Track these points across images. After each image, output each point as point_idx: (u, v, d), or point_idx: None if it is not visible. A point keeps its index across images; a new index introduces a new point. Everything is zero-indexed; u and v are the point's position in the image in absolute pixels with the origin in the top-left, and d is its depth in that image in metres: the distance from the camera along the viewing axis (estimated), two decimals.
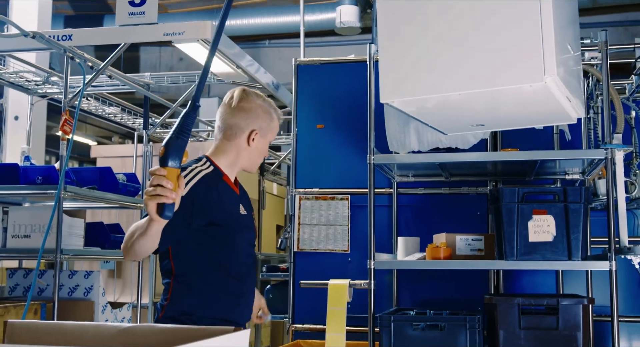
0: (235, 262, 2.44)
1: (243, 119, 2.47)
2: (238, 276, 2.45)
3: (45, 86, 4.95)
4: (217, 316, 2.39)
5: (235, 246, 2.44)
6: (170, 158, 1.86)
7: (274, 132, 2.55)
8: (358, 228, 4.16)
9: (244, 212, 2.50)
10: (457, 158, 3.29)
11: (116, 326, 2.10)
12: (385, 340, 3.21)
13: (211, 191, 2.37)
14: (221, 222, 2.38)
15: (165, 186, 1.84)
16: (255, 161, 2.53)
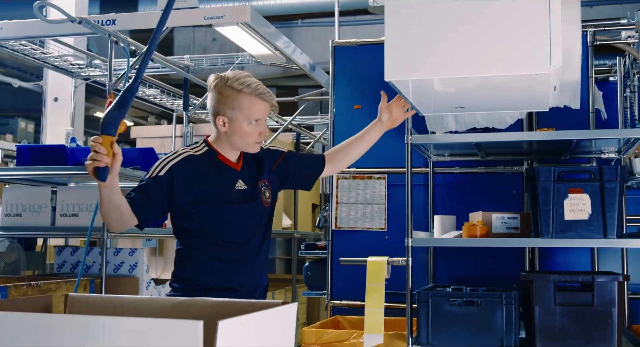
0: (227, 232, 2.56)
1: (212, 105, 2.56)
2: (232, 245, 2.57)
3: (88, 69, 5.08)
4: (214, 283, 2.54)
5: (226, 218, 2.55)
6: (105, 127, 2.14)
7: (248, 111, 2.52)
8: (395, 207, 4.24)
9: (243, 186, 2.60)
10: (494, 138, 3.35)
11: (170, 299, 2.22)
12: (423, 315, 3.30)
13: (196, 170, 2.52)
14: (207, 198, 2.52)
15: (98, 151, 2.12)
16: (243, 143, 2.56)
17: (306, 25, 11.78)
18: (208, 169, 2.55)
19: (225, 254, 2.58)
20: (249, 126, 2.52)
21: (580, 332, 3.14)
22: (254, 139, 2.56)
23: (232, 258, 2.59)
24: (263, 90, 2.54)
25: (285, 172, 2.78)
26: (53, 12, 4.23)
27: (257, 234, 2.65)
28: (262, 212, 2.66)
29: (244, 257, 2.61)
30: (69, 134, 5.05)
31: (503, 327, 3.21)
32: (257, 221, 2.65)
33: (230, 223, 2.57)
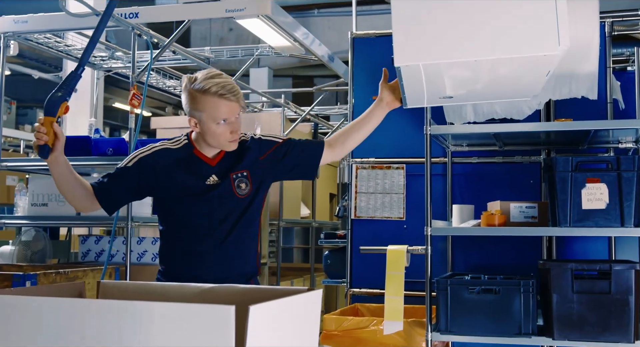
0: (195, 225, 2.60)
1: (184, 106, 2.57)
2: (200, 237, 2.60)
3: (110, 61, 5.16)
4: (185, 273, 2.57)
5: (191, 211, 2.59)
6: (46, 109, 2.34)
7: (213, 113, 2.49)
8: (413, 196, 4.30)
9: (215, 181, 2.60)
10: (512, 128, 3.40)
11: (199, 286, 2.30)
12: (442, 303, 3.36)
13: (167, 163, 2.57)
14: (173, 192, 2.58)
15: (39, 131, 2.34)
16: (216, 142, 2.56)
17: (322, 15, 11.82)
18: (181, 162, 2.59)
19: (193, 245, 2.61)
20: (218, 127, 2.50)
21: (598, 320, 3.19)
22: (226, 139, 2.54)
23: (199, 250, 2.61)
24: (226, 92, 2.48)
25: (279, 162, 2.73)
26: (72, 5, 4.30)
27: (227, 226, 2.64)
28: (235, 203, 2.64)
29: (212, 249, 2.62)
30: (92, 125, 5.14)
31: (521, 315, 3.26)
32: (227, 213, 2.63)
33: (196, 216, 2.59)
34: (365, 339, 3.60)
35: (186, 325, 1.55)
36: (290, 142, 2.78)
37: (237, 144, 2.60)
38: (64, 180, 2.49)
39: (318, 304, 2.11)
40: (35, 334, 1.63)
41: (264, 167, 2.70)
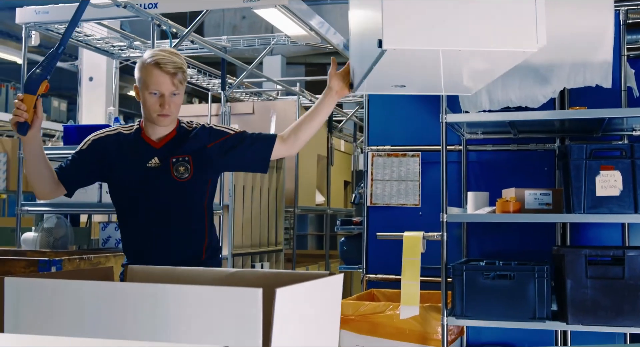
0: (133, 207, 2.68)
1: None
2: (138, 219, 2.68)
3: (128, 50, 5.23)
4: (139, 258, 2.65)
5: (131, 195, 2.67)
6: (28, 87, 2.35)
7: (146, 81, 2.55)
8: (428, 183, 4.35)
9: (157, 164, 2.64)
10: (527, 116, 3.45)
11: (224, 271, 2.37)
12: (458, 288, 3.42)
13: (116, 147, 2.66)
14: (116, 175, 2.67)
15: (19, 108, 2.35)
16: (148, 114, 2.60)
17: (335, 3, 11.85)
18: (127, 147, 2.66)
19: (137, 226, 2.70)
20: (150, 97, 2.55)
21: (611, 305, 3.25)
22: (154, 110, 2.57)
23: (142, 231, 2.69)
24: (161, 61, 2.54)
25: (228, 152, 2.72)
26: None
27: (166, 209, 2.67)
28: (175, 187, 2.66)
29: (153, 230, 2.68)
30: (111, 113, 5.21)
31: (535, 300, 3.32)
32: (169, 196, 2.67)
33: (137, 198, 2.67)
34: (382, 323, 3.68)
35: (215, 307, 1.62)
36: (243, 135, 2.77)
37: (168, 121, 2.60)
38: (36, 160, 2.53)
39: (339, 288, 2.18)
40: (73, 315, 1.70)
41: (210, 155, 2.70)
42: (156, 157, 2.65)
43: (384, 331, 3.68)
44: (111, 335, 1.71)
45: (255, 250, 5.76)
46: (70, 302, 1.73)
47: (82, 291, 1.76)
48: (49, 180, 2.61)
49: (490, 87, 3.43)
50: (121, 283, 1.88)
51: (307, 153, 6.95)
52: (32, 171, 2.57)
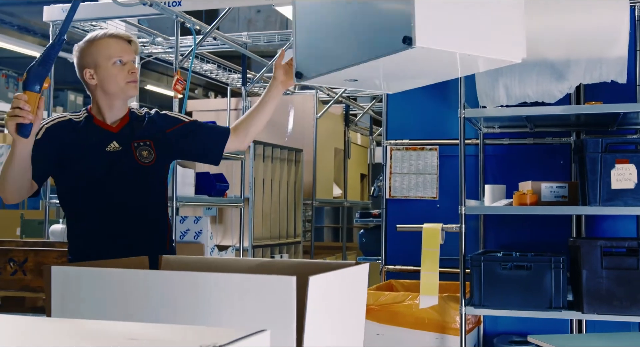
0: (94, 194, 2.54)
1: (77, 68, 2.54)
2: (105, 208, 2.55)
3: (150, 47, 5.34)
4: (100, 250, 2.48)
5: (91, 181, 2.53)
6: (31, 83, 2.13)
7: (106, 52, 2.49)
8: (446, 176, 4.45)
9: (117, 148, 2.56)
10: (545, 111, 3.53)
11: (254, 260, 2.48)
12: (476, 278, 3.52)
13: (70, 134, 2.51)
14: (74, 162, 2.52)
15: (22, 108, 2.12)
16: (116, 87, 2.51)
17: None
18: (81, 133, 2.53)
19: (98, 216, 2.56)
20: (114, 67, 2.48)
21: (626, 295, 3.34)
22: (124, 78, 2.50)
23: (103, 221, 2.56)
24: (113, 32, 2.54)
25: (185, 139, 2.67)
26: None
27: (135, 194, 2.60)
28: (139, 171, 2.59)
29: (115, 219, 2.57)
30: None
31: (551, 290, 3.41)
32: (133, 181, 2.59)
33: (100, 184, 2.54)
34: (402, 313, 3.78)
35: (251, 294, 1.72)
36: (197, 123, 2.74)
37: (136, 89, 2.55)
38: (24, 162, 2.32)
39: (365, 277, 2.28)
40: (116, 302, 1.80)
41: (170, 140, 2.65)
42: (115, 141, 2.56)
43: (403, 320, 3.78)
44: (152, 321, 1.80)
45: (275, 242, 5.88)
46: (115, 290, 1.83)
47: (126, 278, 1.86)
48: (28, 181, 2.42)
49: (507, 82, 3.52)
50: (163, 271, 1.97)
51: (324, 146, 7.05)
52: (16, 174, 2.34)
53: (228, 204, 5.05)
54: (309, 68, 2.31)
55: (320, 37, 2.29)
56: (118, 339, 1.27)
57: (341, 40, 2.21)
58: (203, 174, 4.92)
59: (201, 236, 4.74)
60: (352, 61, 2.17)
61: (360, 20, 2.14)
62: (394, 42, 2.03)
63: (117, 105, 2.56)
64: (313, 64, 2.30)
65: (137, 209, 2.60)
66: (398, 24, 2.03)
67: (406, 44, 1.99)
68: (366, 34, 2.13)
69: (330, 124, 7.28)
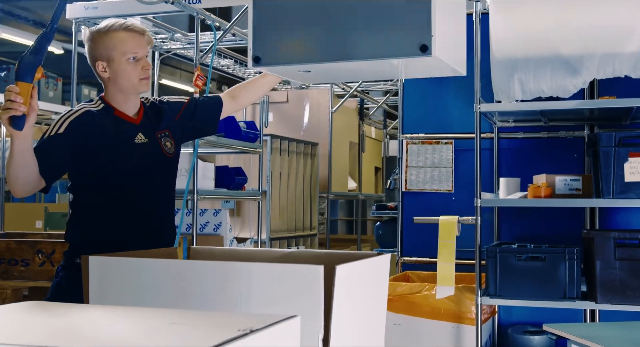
0: (129, 187, 2.54)
1: (89, 55, 2.52)
2: (134, 199, 2.55)
3: (169, 42, 5.44)
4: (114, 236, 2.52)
5: (126, 173, 2.52)
6: (22, 74, 2.06)
7: (122, 47, 2.47)
8: (461, 170, 4.53)
9: (143, 140, 2.56)
10: (559, 106, 3.61)
11: (279, 251, 2.58)
12: (491, 269, 3.60)
13: (95, 124, 2.47)
14: (106, 154, 2.47)
15: (14, 100, 2.05)
16: (129, 83, 2.51)
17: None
18: (105, 125, 2.49)
19: (128, 207, 2.55)
20: (128, 64, 2.47)
21: (639, 285, 3.41)
22: (137, 76, 2.50)
23: (134, 212, 2.56)
24: (131, 24, 2.49)
25: (190, 120, 2.71)
26: None
27: (160, 186, 2.63)
28: (165, 163, 2.63)
29: (144, 209, 2.59)
30: None
31: (566, 280, 3.49)
32: (160, 172, 2.62)
33: (131, 177, 2.54)
34: (418, 303, 3.87)
35: (281, 282, 1.81)
36: (194, 101, 2.77)
37: (149, 85, 2.56)
38: (25, 157, 2.24)
39: (387, 267, 2.37)
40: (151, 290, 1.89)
41: (181, 126, 2.68)
42: (140, 133, 2.56)
43: (420, 310, 3.87)
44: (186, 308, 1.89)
45: (292, 234, 5.97)
46: (150, 279, 1.92)
47: (160, 268, 1.96)
48: (34, 176, 2.32)
49: (522, 78, 3.59)
50: (196, 261, 2.06)
51: (339, 140, 7.14)
52: (19, 169, 2.25)
53: (246, 197, 5.15)
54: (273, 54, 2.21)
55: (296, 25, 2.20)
56: (160, 322, 1.37)
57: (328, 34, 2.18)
58: (222, 168, 5.02)
59: (220, 228, 4.84)
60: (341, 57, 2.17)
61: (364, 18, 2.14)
62: (407, 48, 2.08)
63: (132, 99, 2.57)
64: (279, 51, 2.21)
65: (164, 199, 2.65)
66: (414, 30, 2.08)
67: (423, 52, 2.02)
68: (370, 33, 2.14)
69: (345, 118, 7.36)
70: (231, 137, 4.75)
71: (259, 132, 5.26)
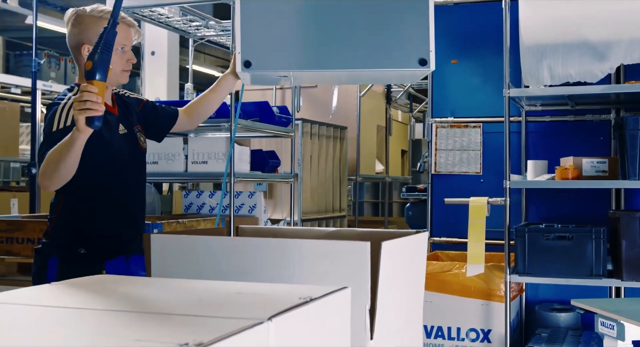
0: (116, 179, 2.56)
1: (73, 38, 2.49)
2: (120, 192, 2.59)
3: (203, 30, 5.59)
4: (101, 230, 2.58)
5: (114, 164, 2.53)
6: (98, 72, 2.00)
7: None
8: (489, 152, 4.66)
9: (124, 131, 2.59)
10: (586, 90, 3.73)
11: (323, 230, 2.73)
12: (520, 248, 3.74)
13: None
14: (98, 145, 2.42)
15: (94, 101, 1.99)
16: (112, 74, 2.41)
17: None
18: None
19: (115, 201, 2.59)
20: (115, 54, 2.36)
21: None
22: (121, 67, 2.49)
23: (121, 205, 2.60)
24: (124, 16, 2.50)
25: (144, 119, 2.73)
26: None
27: (138, 179, 2.68)
28: (141, 157, 2.67)
29: (130, 202, 2.64)
30: (189, 89, 5.59)
31: (592, 259, 3.63)
32: (137, 166, 2.66)
33: (117, 169, 2.56)
34: (449, 281, 4.02)
35: (331, 258, 1.96)
36: (152, 104, 2.79)
37: (128, 77, 2.56)
38: (79, 153, 2.22)
39: (425, 244, 2.52)
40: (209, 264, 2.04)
41: (140, 120, 2.71)
42: (121, 123, 2.58)
43: (451, 288, 4.03)
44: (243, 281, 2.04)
45: (322, 216, 6.14)
46: (208, 255, 2.08)
47: (218, 245, 2.12)
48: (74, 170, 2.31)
49: (551, 64, 3.71)
50: (252, 238, 2.21)
51: (367, 124, 7.27)
52: (71, 165, 2.24)
53: (280, 179, 5.31)
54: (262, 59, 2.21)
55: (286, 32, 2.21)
56: (227, 293, 1.52)
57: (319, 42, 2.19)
58: (257, 152, 5.17)
59: (255, 210, 5.01)
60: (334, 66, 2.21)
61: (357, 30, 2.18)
62: (407, 61, 2.13)
63: (109, 89, 2.56)
64: (268, 57, 2.21)
65: (141, 187, 2.74)
66: (412, 44, 2.13)
67: (422, 65, 2.08)
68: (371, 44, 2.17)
69: (373, 101, 7.49)
70: (265, 122, 4.90)
71: (291, 116, 5.40)
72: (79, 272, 2.32)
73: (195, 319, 1.20)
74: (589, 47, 3.66)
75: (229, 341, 1.01)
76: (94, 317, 1.21)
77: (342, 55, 2.20)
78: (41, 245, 2.62)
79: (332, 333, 1.51)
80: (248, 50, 2.24)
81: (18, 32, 11.46)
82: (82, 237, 2.56)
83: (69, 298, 1.45)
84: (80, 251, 2.53)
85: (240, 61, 2.20)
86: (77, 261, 2.54)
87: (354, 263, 1.94)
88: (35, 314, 1.25)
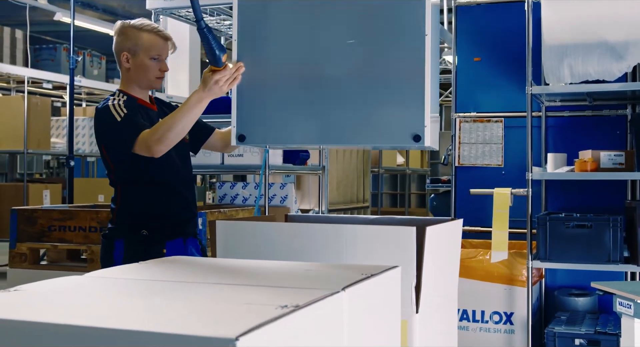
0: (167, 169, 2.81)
1: (117, 46, 2.82)
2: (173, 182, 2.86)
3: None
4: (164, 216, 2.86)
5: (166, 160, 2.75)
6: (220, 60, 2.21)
7: (148, 47, 2.76)
8: (510, 146, 4.89)
9: None
10: (604, 88, 3.96)
11: (366, 217, 2.97)
12: (542, 236, 3.99)
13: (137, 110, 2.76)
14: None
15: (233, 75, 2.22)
16: (145, 78, 2.80)
17: None
18: (141, 112, 2.78)
19: (169, 186, 2.86)
20: (150, 62, 2.77)
21: None
22: (154, 74, 2.81)
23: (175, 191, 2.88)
24: (161, 30, 2.82)
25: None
26: None
27: (188, 167, 2.97)
28: (185, 147, 2.92)
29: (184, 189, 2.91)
30: None
31: (610, 246, 3.87)
32: (186, 159, 2.95)
33: (170, 159, 2.79)
34: (473, 267, 4.28)
35: (380, 241, 2.20)
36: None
37: (161, 83, 2.93)
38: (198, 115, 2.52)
39: (460, 230, 2.77)
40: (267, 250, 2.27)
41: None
42: (160, 119, 2.77)
43: (475, 273, 4.28)
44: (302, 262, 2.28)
45: (347, 206, 6.40)
46: (268, 239, 2.32)
47: (279, 230, 2.37)
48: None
49: (572, 62, 3.94)
50: (309, 224, 2.45)
51: None
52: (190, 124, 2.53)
53: (309, 171, 5.57)
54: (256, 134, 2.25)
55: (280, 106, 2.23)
56: (297, 270, 1.77)
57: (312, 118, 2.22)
58: None
59: (287, 200, 5.27)
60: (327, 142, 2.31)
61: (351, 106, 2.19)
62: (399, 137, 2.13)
63: (146, 92, 2.90)
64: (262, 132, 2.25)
65: (190, 175, 3.01)
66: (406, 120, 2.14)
67: (416, 142, 2.08)
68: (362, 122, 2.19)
69: None
70: None
71: None
72: (142, 251, 2.67)
73: (283, 289, 1.46)
74: (607, 48, 3.89)
75: (317, 305, 1.29)
76: (205, 288, 1.47)
77: (335, 131, 2.21)
78: (107, 230, 2.90)
79: (388, 304, 1.77)
80: (242, 124, 2.27)
81: (38, 26, 11.68)
82: (144, 221, 2.83)
83: (174, 273, 1.71)
84: (143, 233, 2.82)
85: (234, 135, 2.28)
86: (141, 242, 2.83)
87: (401, 245, 2.18)
88: (155, 287, 1.51)
